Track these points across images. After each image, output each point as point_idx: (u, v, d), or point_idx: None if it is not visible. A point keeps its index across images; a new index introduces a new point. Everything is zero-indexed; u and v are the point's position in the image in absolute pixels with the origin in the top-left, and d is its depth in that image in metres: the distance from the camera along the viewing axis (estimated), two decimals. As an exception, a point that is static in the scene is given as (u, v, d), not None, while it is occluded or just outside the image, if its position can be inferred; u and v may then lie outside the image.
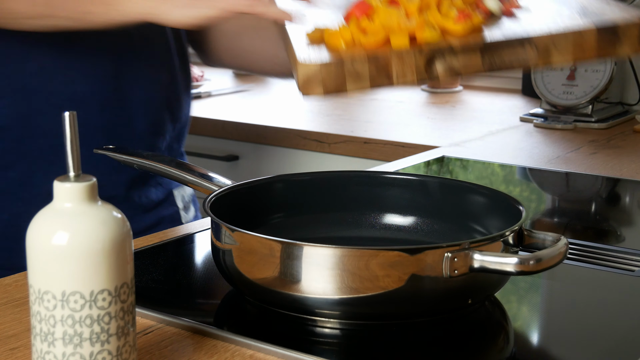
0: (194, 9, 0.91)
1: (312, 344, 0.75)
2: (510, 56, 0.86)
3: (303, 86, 0.85)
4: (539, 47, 0.86)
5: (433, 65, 0.85)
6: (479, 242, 0.75)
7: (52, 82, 1.08)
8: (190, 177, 0.99)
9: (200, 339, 0.74)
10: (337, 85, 0.84)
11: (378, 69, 0.84)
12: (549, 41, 0.86)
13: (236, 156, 2.03)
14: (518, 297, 0.87)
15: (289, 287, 0.75)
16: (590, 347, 0.76)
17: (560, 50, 0.87)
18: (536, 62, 0.87)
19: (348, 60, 0.84)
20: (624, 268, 0.94)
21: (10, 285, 0.86)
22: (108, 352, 0.61)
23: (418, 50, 0.84)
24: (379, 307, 0.75)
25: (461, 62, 0.86)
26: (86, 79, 1.09)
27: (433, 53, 0.84)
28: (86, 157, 1.10)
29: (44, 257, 0.59)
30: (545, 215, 1.25)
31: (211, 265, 0.90)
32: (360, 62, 0.84)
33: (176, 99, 1.21)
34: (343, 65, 0.84)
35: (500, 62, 0.86)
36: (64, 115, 0.60)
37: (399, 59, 0.85)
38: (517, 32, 0.87)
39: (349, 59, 0.84)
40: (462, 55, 0.86)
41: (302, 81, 0.85)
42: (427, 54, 0.84)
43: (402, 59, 0.85)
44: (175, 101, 1.21)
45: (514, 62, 0.87)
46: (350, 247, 0.73)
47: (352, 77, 0.84)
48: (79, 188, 0.60)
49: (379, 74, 0.85)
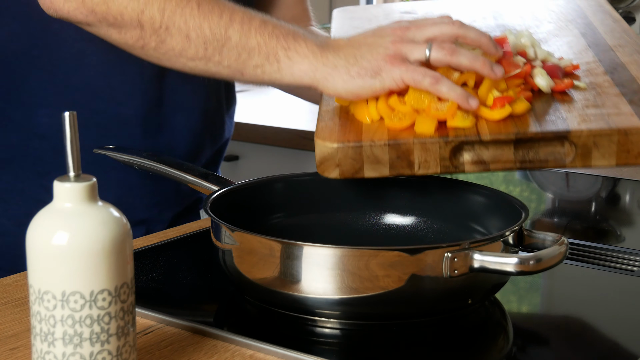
0: (362, 80, 0.83)
1: (312, 344, 0.75)
2: (546, 152, 0.79)
3: (319, 166, 0.82)
4: (578, 146, 0.79)
5: (460, 154, 0.80)
6: (479, 242, 0.75)
7: (97, 100, 1.06)
8: (190, 177, 0.99)
9: (200, 339, 0.74)
10: (354, 170, 0.81)
11: (399, 155, 0.80)
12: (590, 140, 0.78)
13: (236, 156, 2.03)
14: (518, 297, 0.87)
15: (289, 287, 0.75)
16: (590, 347, 0.76)
17: (602, 151, 0.79)
18: (573, 163, 0.80)
19: (367, 144, 0.79)
20: (624, 268, 0.94)
21: (10, 285, 0.86)
22: (108, 352, 0.61)
23: (444, 138, 0.79)
24: (379, 307, 0.75)
25: (491, 154, 0.80)
26: (132, 102, 1.07)
27: (461, 143, 0.79)
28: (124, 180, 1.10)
29: (44, 257, 0.59)
30: (545, 215, 1.25)
31: (211, 265, 0.90)
32: (380, 147, 0.80)
33: (220, 124, 1.20)
34: (362, 150, 0.80)
35: (534, 157, 0.80)
36: (64, 115, 0.60)
37: (422, 147, 0.79)
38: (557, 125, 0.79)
39: (369, 143, 0.80)
40: (493, 147, 0.80)
41: (318, 160, 0.81)
42: (453, 144, 0.79)
43: (426, 147, 0.79)
44: (218, 127, 1.19)
45: (549, 159, 0.80)
46: (350, 247, 0.73)
47: (371, 162, 0.80)
48: (79, 188, 0.60)
49: (399, 161, 0.80)
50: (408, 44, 0.84)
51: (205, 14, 0.89)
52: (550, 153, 0.79)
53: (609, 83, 0.87)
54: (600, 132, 0.78)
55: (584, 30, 1.00)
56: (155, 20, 0.89)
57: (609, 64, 0.90)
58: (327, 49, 0.86)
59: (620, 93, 0.84)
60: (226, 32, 0.88)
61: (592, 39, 0.97)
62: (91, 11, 0.91)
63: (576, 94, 0.86)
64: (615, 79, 0.87)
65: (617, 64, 0.90)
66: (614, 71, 0.89)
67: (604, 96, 0.84)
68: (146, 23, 0.90)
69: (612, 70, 0.89)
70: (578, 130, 0.78)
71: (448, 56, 0.82)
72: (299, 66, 0.86)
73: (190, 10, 0.89)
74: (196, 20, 0.89)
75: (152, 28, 0.90)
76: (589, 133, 0.78)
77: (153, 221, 1.13)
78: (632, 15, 2.06)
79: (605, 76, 0.88)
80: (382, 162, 0.80)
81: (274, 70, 0.87)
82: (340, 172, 0.81)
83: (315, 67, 0.85)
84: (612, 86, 0.86)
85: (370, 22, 1.11)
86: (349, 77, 0.83)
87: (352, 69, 0.83)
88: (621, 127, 0.78)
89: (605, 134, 0.78)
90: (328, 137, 0.81)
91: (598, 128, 0.78)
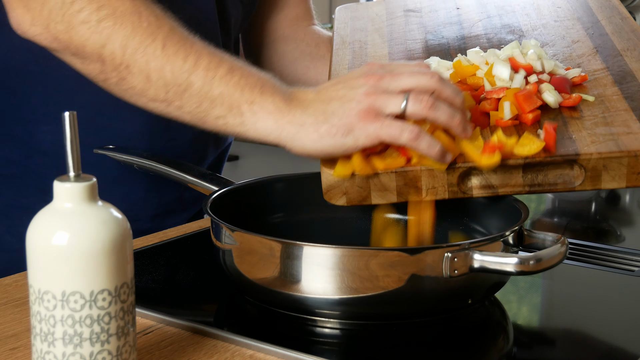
0: (333, 139, 0.79)
1: (312, 344, 0.75)
2: (555, 176, 0.78)
3: (325, 193, 0.81)
4: (588, 169, 0.77)
5: (468, 180, 0.80)
6: (479, 242, 0.75)
7: (101, 117, 1.05)
8: (190, 177, 0.99)
9: (200, 339, 0.74)
10: (361, 198, 0.80)
11: (407, 183, 0.79)
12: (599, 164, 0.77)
13: (236, 156, 2.03)
14: (518, 297, 0.87)
15: (289, 287, 0.75)
16: (590, 347, 0.76)
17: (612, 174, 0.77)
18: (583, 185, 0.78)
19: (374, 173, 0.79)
20: (624, 268, 0.94)
21: (10, 285, 0.86)
22: (108, 352, 0.61)
23: (451, 165, 0.78)
24: (379, 307, 0.75)
25: (500, 178, 0.79)
26: (138, 119, 1.05)
27: (469, 169, 0.79)
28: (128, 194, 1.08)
29: (44, 257, 0.59)
30: (545, 215, 1.25)
31: (211, 265, 0.90)
32: (387, 175, 0.79)
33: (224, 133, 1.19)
34: (368, 178, 0.79)
35: (543, 180, 0.79)
36: (64, 115, 0.60)
37: (429, 174, 0.78)
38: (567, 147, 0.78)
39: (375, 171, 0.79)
40: (502, 171, 0.78)
41: (324, 188, 0.80)
42: (461, 169, 0.78)
43: (434, 174, 0.79)
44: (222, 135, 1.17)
45: (559, 182, 0.79)
46: (350, 247, 0.73)
47: (378, 190, 0.79)
48: (79, 188, 0.60)
49: (407, 188, 0.79)
50: (382, 96, 0.79)
51: (168, 56, 0.84)
52: (559, 176, 0.78)
53: (618, 96, 0.85)
54: (610, 154, 0.76)
55: (592, 31, 0.98)
56: (116, 56, 0.85)
57: (618, 72, 0.89)
58: (294, 104, 0.81)
59: (629, 108, 0.83)
60: (189, 78, 0.83)
61: (600, 41, 0.96)
62: (54, 38, 0.87)
63: (585, 109, 0.84)
64: (624, 91, 0.86)
65: (625, 72, 0.89)
66: (622, 81, 0.87)
67: (613, 112, 0.83)
68: (107, 58, 0.85)
69: (620, 80, 0.88)
70: (587, 153, 0.77)
71: (425, 110, 0.78)
72: (263, 123, 0.81)
73: (154, 51, 0.84)
74: (158, 62, 0.84)
75: (112, 64, 0.86)
76: (598, 156, 0.76)
77: (157, 230, 1.13)
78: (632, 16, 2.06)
79: (614, 87, 0.87)
80: (389, 189, 0.79)
81: (236, 124, 0.83)
82: (347, 200, 0.80)
83: (280, 125, 0.81)
84: (621, 99, 0.84)
85: (373, 21, 1.11)
86: (317, 136, 0.79)
87: (321, 127, 0.79)
88: (631, 149, 0.76)
89: (615, 157, 0.76)
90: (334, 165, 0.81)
91: (608, 151, 0.77)
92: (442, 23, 1.07)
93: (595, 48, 0.94)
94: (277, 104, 0.81)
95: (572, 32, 0.99)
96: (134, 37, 0.84)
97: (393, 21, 1.10)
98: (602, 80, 0.88)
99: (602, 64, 0.91)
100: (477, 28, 1.04)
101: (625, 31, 0.97)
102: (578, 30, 1.00)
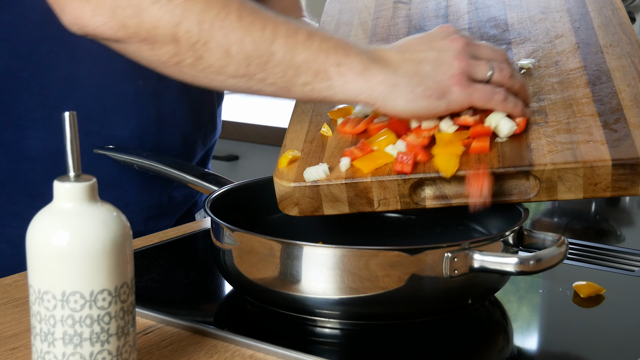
0: (427, 101, 0.79)
1: (312, 344, 0.75)
2: (510, 186, 0.78)
3: (279, 203, 0.81)
4: (542, 180, 0.76)
5: (421, 190, 0.79)
6: (479, 242, 0.75)
7: (91, 122, 1.03)
8: (190, 177, 0.99)
9: (200, 339, 0.74)
10: (313, 208, 0.80)
11: (357, 194, 0.78)
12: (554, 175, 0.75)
13: (236, 156, 2.03)
14: (518, 297, 0.87)
15: (289, 287, 0.75)
16: (590, 347, 0.76)
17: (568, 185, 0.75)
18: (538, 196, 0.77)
19: (324, 184, 0.78)
20: (624, 268, 0.94)
21: (10, 285, 0.86)
22: (108, 352, 0.61)
23: (401, 176, 0.77)
24: (379, 307, 0.75)
25: (453, 188, 0.78)
26: (128, 124, 1.05)
27: (420, 179, 0.78)
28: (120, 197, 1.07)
29: (44, 257, 0.59)
30: (545, 215, 1.25)
31: (211, 265, 0.90)
32: (337, 186, 0.78)
33: (211, 128, 1.18)
34: (319, 188, 0.78)
35: (497, 190, 0.78)
36: (64, 115, 0.60)
37: (380, 185, 0.77)
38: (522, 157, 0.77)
39: (326, 182, 0.78)
40: (455, 181, 0.77)
41: (278, 198, 0.81)
42: (412, 181, 0.77)
43: (384, 185, 0.77)
44: (209, 131, 1.18)
45: (514, 192, 0.78)
46: (350, 247, 0.73)
47: (329, 200, 0.79)
48: (79, 188, 0.60)
49: (358, 199, 0.79)
50: (472, 62, 0.81)
51: (247, 27, 0.81)
52: (515, 187, 0.78)
53: (588, 99, 0.83)
54: (565, 165, 0.75)
55: (578, 24, 0.97)
56: (192, 34, 0.80)
57: (594, 72, 0.88)
58: (381, 63, 0.81)
59: (596, 112, 0.81)
60: (270, 47, 0.80)
61: (584, 35, 0.94)
62: (122, 26, 0.81)
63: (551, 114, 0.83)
64: (596, 93, 0.84)
65: (602, 72, 0.87)
66: (596, 81, 0.86)
67: (578, 117, 0.81)
68: (182, 37, 0.81)
69: (594, 81, 0.86)
70: (542, 164, 0.75)
71: (506, 79, 0.81)
72: (353, 84, 0.80)
73: (231, 23, 0.80)
74: (237, 34, 0.80)
75: (188, 43, 0.81)
76: (553, 167, 0.75)
77: (150, 232, 1.13)
78: (632, 15, 2.06)
79: (587, 88, 0.85)
80: (340, 200, 0.79)
81: (323, 87, 0.81)
82: (299, 211, 0.81)
83: (371, 85, 0.80)
84: (590, 103, 0.83)
85: (360, 14, 1.09)
86: (413, 97, 0.79)
87: (416, 88, 0.79)
88: (587, 160, 0.74)
89: (570, 168, 0.75)
90: (285, 175, 0.81)
91: (563, 161, 0.75)
92: (428, 16, 1.05)
93: (578, 44, 0.93)
94: (365, 64, 0.81)
95: (558, 26, 0.97)
96: (209, 12, 0.81)
97: (380, 14, 1.08)
98: (576, 81, 0.87)
99: (580, 62, 0.90)
100: (462, 21, 1.03)
101: (612, 24, 0.95)
102: (564, 23, 0.97)
